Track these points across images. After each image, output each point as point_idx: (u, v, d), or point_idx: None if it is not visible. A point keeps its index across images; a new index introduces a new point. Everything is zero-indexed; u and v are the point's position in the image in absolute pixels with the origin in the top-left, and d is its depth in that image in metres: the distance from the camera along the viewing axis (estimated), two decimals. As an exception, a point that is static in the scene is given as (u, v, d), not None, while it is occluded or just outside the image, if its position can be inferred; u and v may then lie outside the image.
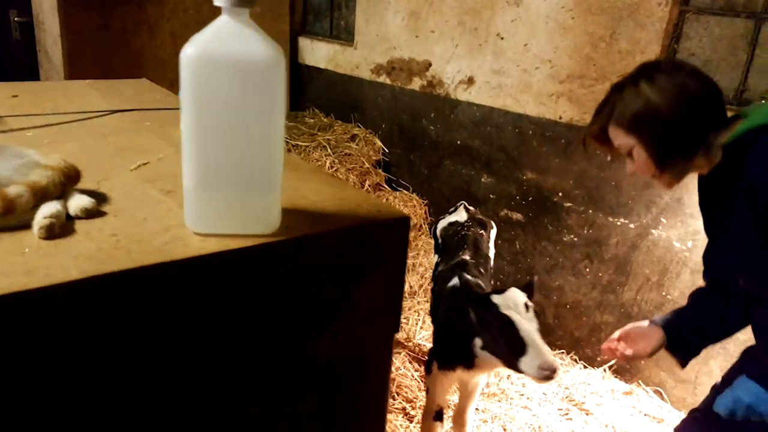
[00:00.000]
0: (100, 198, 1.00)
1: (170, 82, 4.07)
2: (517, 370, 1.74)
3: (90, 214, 0.92)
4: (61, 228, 0.86)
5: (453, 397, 2.63)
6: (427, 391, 2.35)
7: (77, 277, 0.73)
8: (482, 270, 2.49)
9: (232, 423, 0.95)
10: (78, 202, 0.93)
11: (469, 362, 1.96)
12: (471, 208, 2.97)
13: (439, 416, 2.22)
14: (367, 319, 1.05)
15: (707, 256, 1.59)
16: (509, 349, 1.73)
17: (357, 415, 1.14)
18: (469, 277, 2.26)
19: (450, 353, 2.06)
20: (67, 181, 0.97)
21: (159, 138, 1.43)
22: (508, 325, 1.73)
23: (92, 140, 1.40)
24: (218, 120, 0.81)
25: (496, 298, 1.80)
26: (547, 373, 1.65)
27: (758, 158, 1.33)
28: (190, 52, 0.78)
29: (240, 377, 0.92)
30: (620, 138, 1.49)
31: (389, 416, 2.71)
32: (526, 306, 1.78)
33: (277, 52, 0.81)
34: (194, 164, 0.83)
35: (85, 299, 0.73)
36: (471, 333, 1.90)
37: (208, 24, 0.83)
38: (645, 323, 1.70)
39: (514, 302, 1.77)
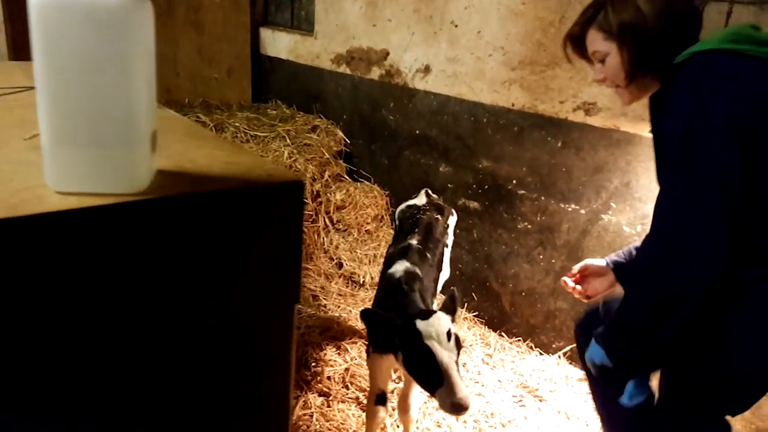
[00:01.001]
0: (-24, 163, 0.97)
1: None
2: (432, 396, 1.77)
3: (-45, 175, 0.89)
4: None
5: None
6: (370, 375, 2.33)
7: None
8: (429, 255, 2.47)
9: (112, 398, 0.92)
10: (-58, 163, 0.89)
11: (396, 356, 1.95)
12: (432, 194, 2.97)
13: (381, 400, 2.20)
14: (260, 288, 1.02)
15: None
16: (426, 379, 1.76)
17: (255, 390, 1.11)
18: (407, 265, 2.25)
19: (379, 339, 2.05)
20: (-66, 143, 0.94)
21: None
22: (428, 357, 1.72)
23: (-3, 113, 1.36)
24: (71, 70, 0.78)
25: (420, 325, 1.77)
26: (458, 411, 1.68)
27: (678, 82, 1.33)
28: (37, -4, 0.75)
29: (110, 347, 0.89)
30: (598, 43, 1.50)
31: (342, 406, 2.69)
32: (449, 334, 1.77)
33: (134, -4, 0.78)
34: (48, 119, 0.79)
35: None
36: (395, 346, 1.88)
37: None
38: (602, 261, 1.77)
39: (437, 331, 1.75)
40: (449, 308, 1.91)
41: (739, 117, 1.21)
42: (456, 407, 1.66)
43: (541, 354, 3.11)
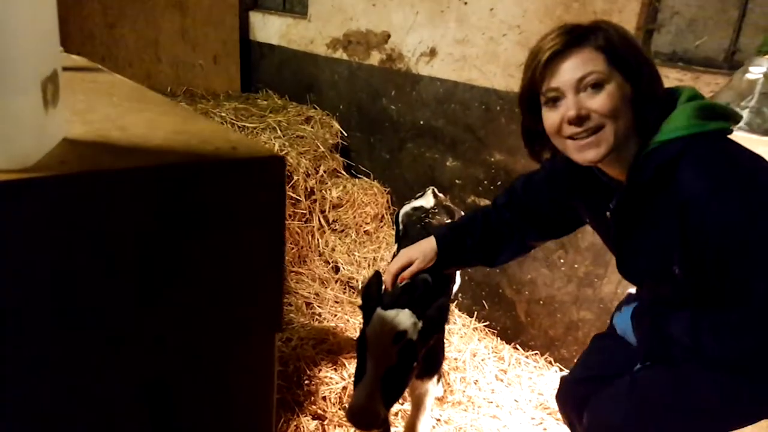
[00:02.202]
0: None
1: (101, 57, 3.67)
2: None
3: None
4: None
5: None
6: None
7: None
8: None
9: None
10: None
11: None
12: (440, 194, 2.64)
13: (384, 427, 1.88)
14: (219, 311, 0.69)
15: (621, 261, 1.43)
16: (357, 369, 1.59)
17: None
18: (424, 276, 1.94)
19: None
20: None
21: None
22: (360, 350, 1.57)
23: None
24: None
25: (377, 312, 1.56)
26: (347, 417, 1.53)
27: (692, 175, 1.15)
28: None
29: None
30: (596, 63, 1.18)
31: (339, 430, 2.36)
32: (399, 337, 1.50)
33: None
34: None
35: None
36: None
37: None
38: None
39: (385, 328, 1.51)
40: (432, 318, 1.61)
41: None
42: (346, 412, 1.54)
43: (561, 370, 2.79)
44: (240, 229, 0.68)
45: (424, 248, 1.71)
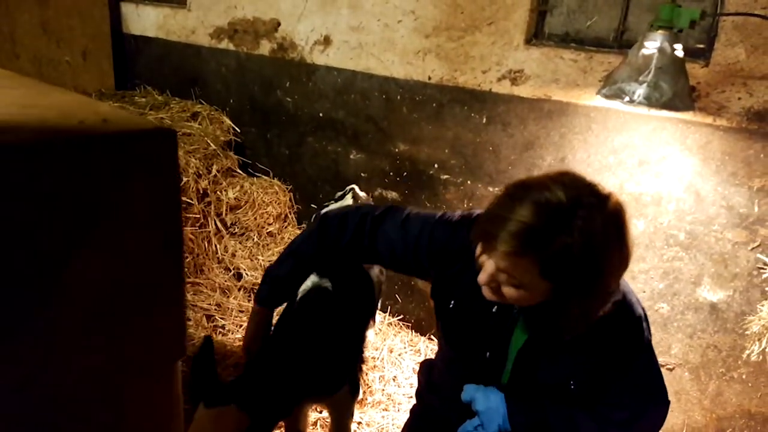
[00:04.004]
0: None
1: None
2: None
3: None
4: None
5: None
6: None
7: None
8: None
9: None
10: None
11: None
12: (362, 193, 2.49)
13: None
14: (100, 342, 0.52)
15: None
16: None
17: None
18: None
19: None
20: None
21: None
22: None
23: None
24: None
25: (198, 412, 1.31)
26: None
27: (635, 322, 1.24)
28: None
29: None
30: (528, 275, 1.04)
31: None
32: None
33: None
34: None
35: None
36: None
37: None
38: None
39: None
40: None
41: None
42: None
43: (477, 356, 2.78)
44: (121, 229, 0.52)
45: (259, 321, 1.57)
